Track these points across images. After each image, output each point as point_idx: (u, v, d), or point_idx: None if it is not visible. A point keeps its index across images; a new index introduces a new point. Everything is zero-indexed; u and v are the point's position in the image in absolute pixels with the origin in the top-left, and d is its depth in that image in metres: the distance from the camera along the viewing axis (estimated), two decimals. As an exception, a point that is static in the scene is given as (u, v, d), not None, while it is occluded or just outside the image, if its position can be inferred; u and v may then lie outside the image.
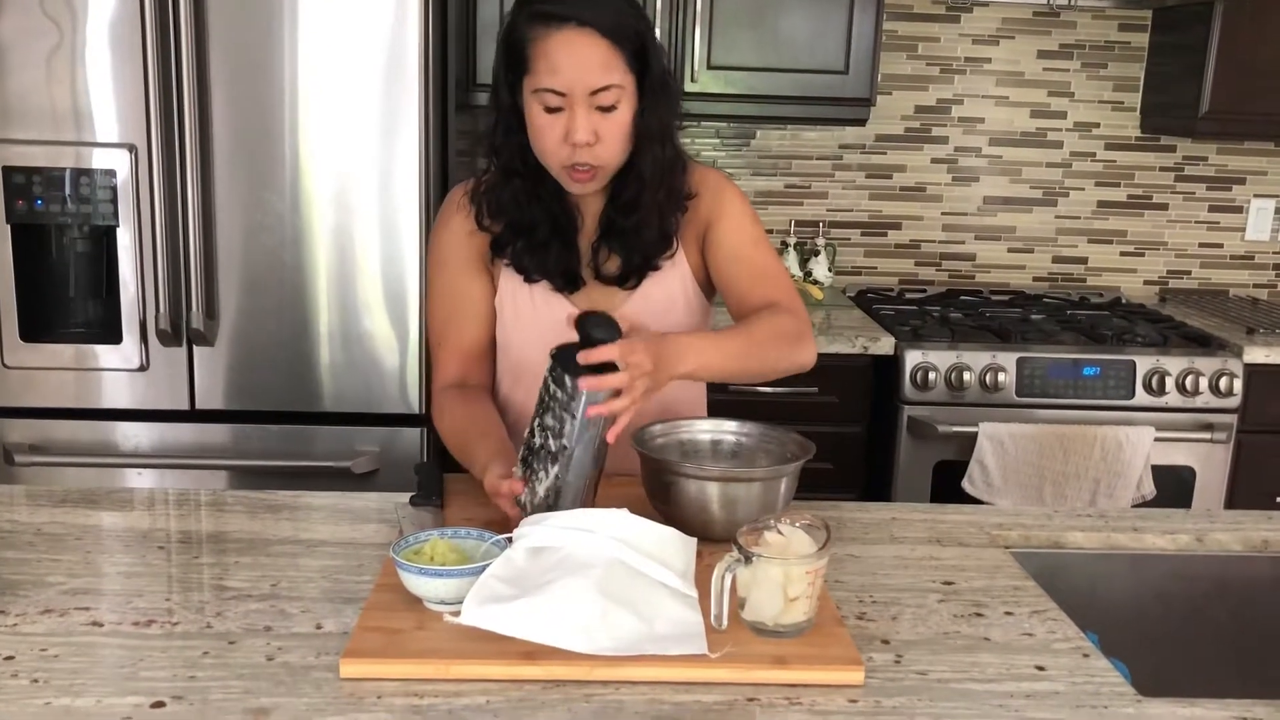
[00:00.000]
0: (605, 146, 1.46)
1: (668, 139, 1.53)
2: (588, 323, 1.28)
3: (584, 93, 1.42)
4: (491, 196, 1.57)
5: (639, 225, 1.55)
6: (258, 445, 2.44)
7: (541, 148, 1.48)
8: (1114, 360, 2.67)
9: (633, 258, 1.58)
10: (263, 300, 2.39)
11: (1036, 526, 1.55)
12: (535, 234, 1.56)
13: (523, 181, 1.54)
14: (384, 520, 1.48)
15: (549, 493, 1.31)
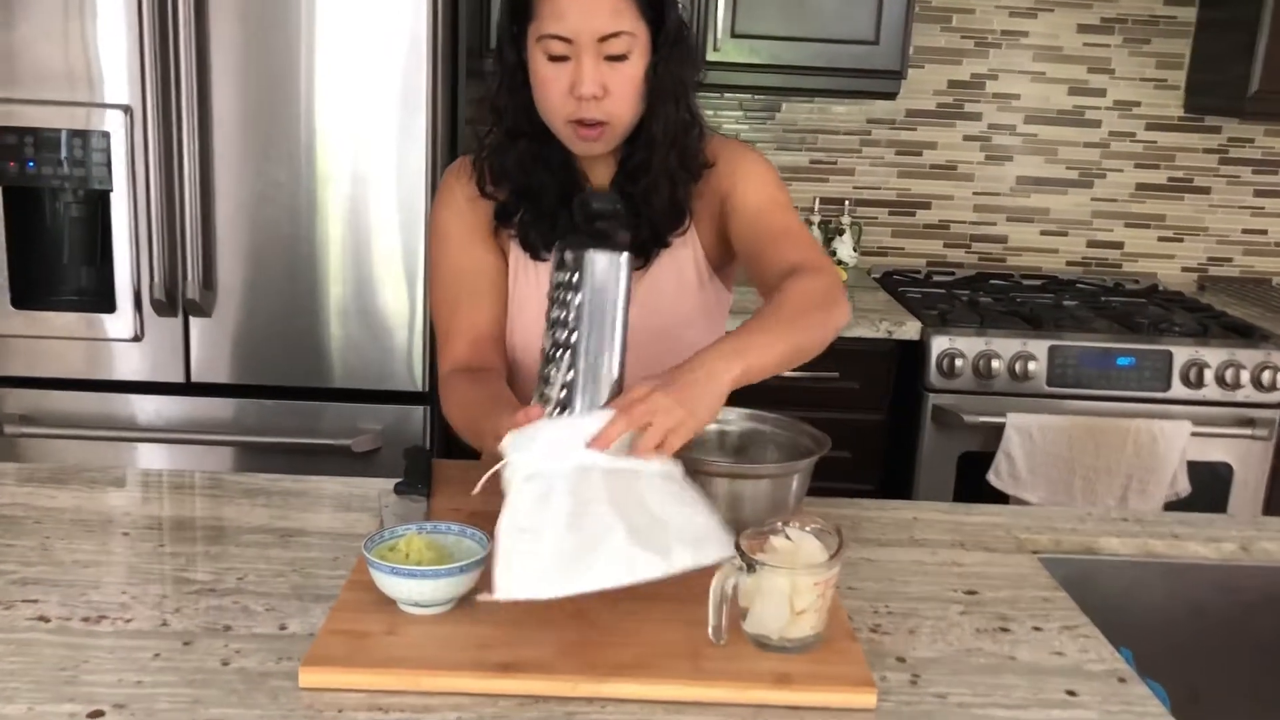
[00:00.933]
0: (614, 100, 1.34)
1: (682, 99, 1.41)
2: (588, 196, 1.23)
3: (591, 39, 1.32)
4: (495, 159, 1.46)
5: (647, 192, 1.43)
6: (255, 421, 2.35)
7: (545, 101, 1.37)
8: (1150, 350, 2.54)
9: (640, 230, 1.46)
10: (262, 271, 2.30)
11: (1068, 531, 1.44)
12: (541, 200, 1.45)
13: (529, 143, 1.43)
14: (367, 508, 1.38)
15: (563, 390, 1.15)
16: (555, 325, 1.17)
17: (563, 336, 1.16)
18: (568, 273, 1.17)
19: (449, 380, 1.45)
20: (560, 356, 1.16)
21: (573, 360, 1.15)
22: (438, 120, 2.28)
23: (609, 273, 1.16)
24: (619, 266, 1.16)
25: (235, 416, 2.35)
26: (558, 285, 1.18)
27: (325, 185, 2.27)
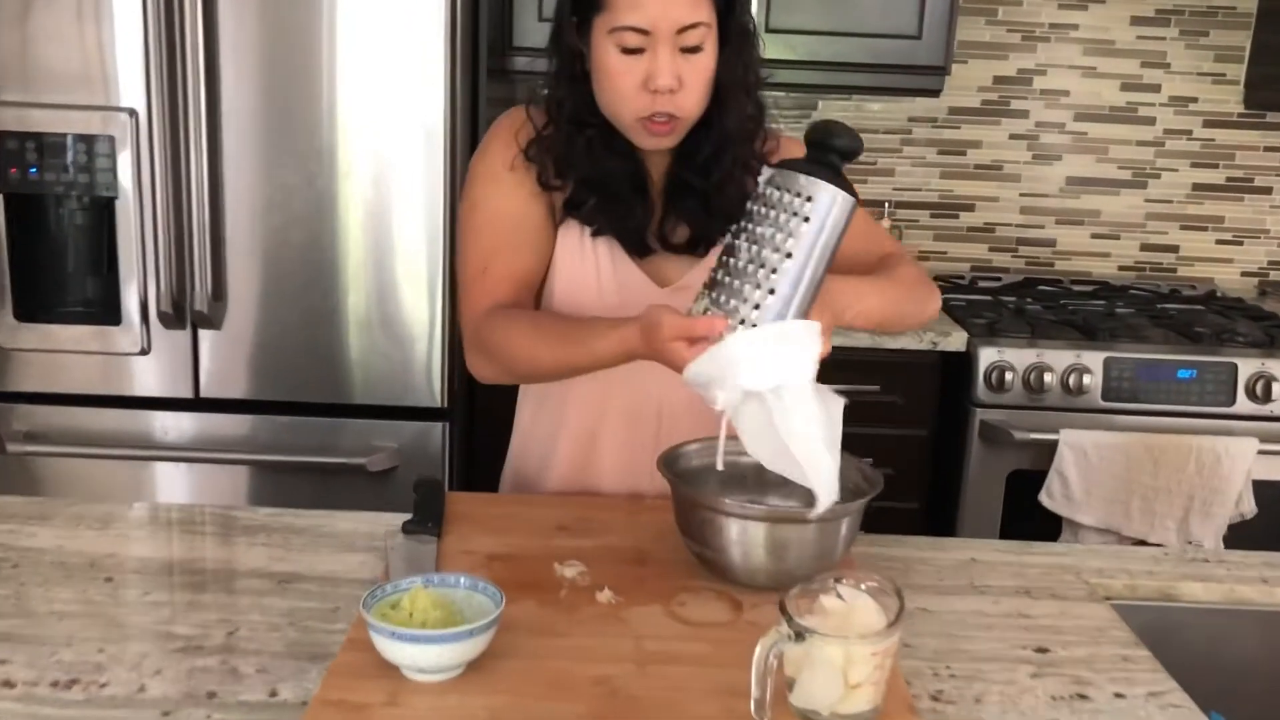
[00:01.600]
0: (688, 94, 1.29)
1: (752, 90, 1.38)
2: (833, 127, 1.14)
3: (670, 30, 1.26)
4: (559, 152, 1.37)
5: (721, 185, 1.37)
6: (267, 438, 2.25)
7: (615, 95, 1.30)
8: (1213, 363, 2.39)
9: (707, 223, 1.39)
10: (273, 282, 2.19)
11: (1143, 574, 1.30)
12: (614, 189, 1.37)
13: (597, 132, 1.35)
14: (373, 548, 1.26)
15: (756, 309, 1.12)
16: (759, 240, 1.14)
17: (771, 257, 1.13)
18: (793, 196, 1.13)
19: (497, 314, 1.34)
20: (755, 273, 1.13)
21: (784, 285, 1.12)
22: (456, 122, 2.16)
23: (841, 211, 1.12)
24: (848, 209, 1.13)
25: (246, 434, 2.24)
26: (774, 204, 1.14)
27: (340, 190, 2.16)
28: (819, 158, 1.13)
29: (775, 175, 1.15)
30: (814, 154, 1.14)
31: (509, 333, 1.31)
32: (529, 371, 1.33)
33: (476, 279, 1.38)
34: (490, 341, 1.32)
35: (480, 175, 1.41)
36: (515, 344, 1.30)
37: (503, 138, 1.40)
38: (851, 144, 1.13)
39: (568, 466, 1.45)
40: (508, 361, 1.31)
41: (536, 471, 1.48)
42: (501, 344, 1.31)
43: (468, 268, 1.39)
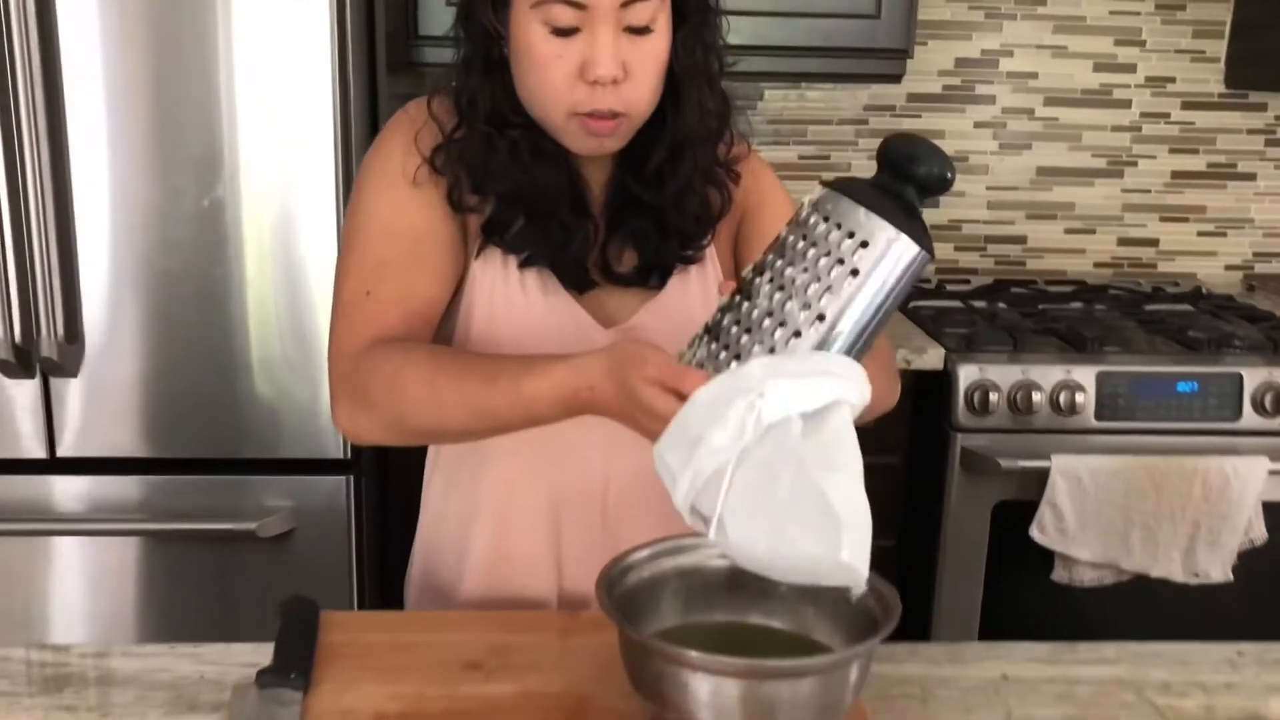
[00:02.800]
0: (636, 85, 1.03)
1: (715, 80, 1.10)
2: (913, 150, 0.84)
3: (611, 5, 0.99)
4: (474, 160, 1.06)
5: (678, 200, 1.10)
6: (138, 503, 1.91)
7: (544, 88, 1.02)
8: (1215, 374, 2.14)
9: (661, 248, 1.11)
10: (138, 319, 1.85)
11: (1221, 688, 1.02)
12: (548, 206, 1.07)
13: (522, 135, 1.06)
14: (220, 703, 0.95)
15: None
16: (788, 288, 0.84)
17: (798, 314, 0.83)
18: (844, 235, 0.83)
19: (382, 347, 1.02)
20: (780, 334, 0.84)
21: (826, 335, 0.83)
22: (349, 127, 1.83)
23: (906, 267, 0.83)
24: (915, 265, 0.84)
25: (116, 499, 1.90)
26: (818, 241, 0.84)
27: (222, 209, 1.82)
28: (890, 186, 0.84)
29: (826, 199, 0.84)
30: (885, 180, 0.84)
31: (402, 369, 0.99)
32: (426, 423, 1.00)
33: (356, 303, 1.06)
34: (372, 382, 1.00)
35: (372, 176, 1.10)
36: (409, 384, 0.98)
37: (401, 138, 1.10)
38: (939, 173, 0.84)
39: (485, 563, 1.15)
40: (396, 408, 0.99)
41: (448, 568, 1.17)
42: (389, 384, 0.99)
43: (345, 290, 1.07)
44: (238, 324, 1.87)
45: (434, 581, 1.18)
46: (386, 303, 1.05)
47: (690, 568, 0.97)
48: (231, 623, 1.92)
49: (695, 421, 0.81)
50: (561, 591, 1.14)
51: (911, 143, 0.84)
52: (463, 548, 1.16)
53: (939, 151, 0.83)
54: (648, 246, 1.11)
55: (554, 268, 1.10)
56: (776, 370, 0.80)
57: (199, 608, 1.94)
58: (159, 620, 1.95)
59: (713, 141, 1.11)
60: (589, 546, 1.13)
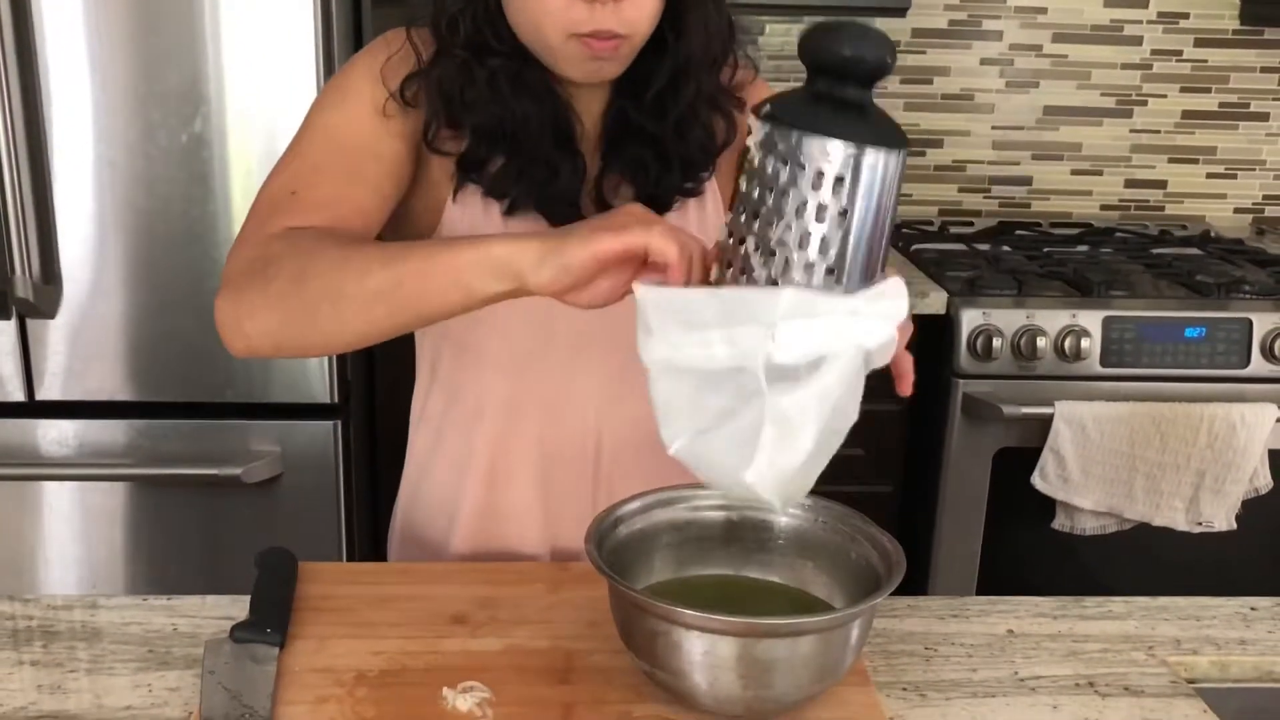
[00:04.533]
0: (636, 3, 0.95)
1: (720, 1, 1.03)
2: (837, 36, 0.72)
3: None
4: (452, 89, 0.99)
5: (680, 128, 1.03)
6: (121, 448, 1.86)
7: (540, 6, 0.94)
8: (1224, 319, 2.08)
9: (661, 178, 1.04)
10: (114, 258, 1.80)
11: (1234, 644, 0.99)
12: (529, 141, 1.00)
13: (504, 62, 0.99)
14: (194, 660, 0.91)
15: None
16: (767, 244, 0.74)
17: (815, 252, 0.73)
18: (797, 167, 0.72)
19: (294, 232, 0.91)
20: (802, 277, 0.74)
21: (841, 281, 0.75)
22: (334, 57, 1.77)
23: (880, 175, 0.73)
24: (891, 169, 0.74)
25: (92, 443, 1.86)
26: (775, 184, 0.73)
27: (194, 144, 1.75)
28: (827, 90, 0.72)
29: (771, 137, 0.74)
30: (820, 86, 0.73)
31: (312, 248, 0.87)
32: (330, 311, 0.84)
33: (278, 201, 0.95)
34: (274, 262, 0.87)
35: (329, 90, 1.03)
36: (318, 261, 0.85)
37: (369, 59, 1.02)
38: (874, 55, 0.72)
39: (475, 518, 1.10)
40: (296, 290, 0.85)
41: (435, 523, 1.12)
42: (292, 262, 0.86)
43: (269, 187, 0.97)
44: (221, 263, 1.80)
45: (419, 536, 1.14)
46: (313, 204, 0.94)
47: (684, 520, 0.93)
48: (219, 569, 1.89)
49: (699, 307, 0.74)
50: (554, 548, 1.10)
51: (832, 35, 0.71)
52: (452, 503, 1.11)
53: (863, 29, 0.72)
54: (646, 178, 1.04)
55: (541, 209, 1.03)
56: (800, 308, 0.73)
57: (186, 554, 1.90)
58: (146, 566, 1.91)
59: (717, 65, 1.05)
60: (582, 501, 1.08)
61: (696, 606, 0.78)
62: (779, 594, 0.91)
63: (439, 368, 1.10)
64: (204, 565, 1.90)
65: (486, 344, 1.06)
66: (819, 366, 0.72)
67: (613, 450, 1.08)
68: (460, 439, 1.10)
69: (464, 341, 1.07)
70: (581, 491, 1.09)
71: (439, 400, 1.11)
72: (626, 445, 1.08)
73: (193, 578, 1.89)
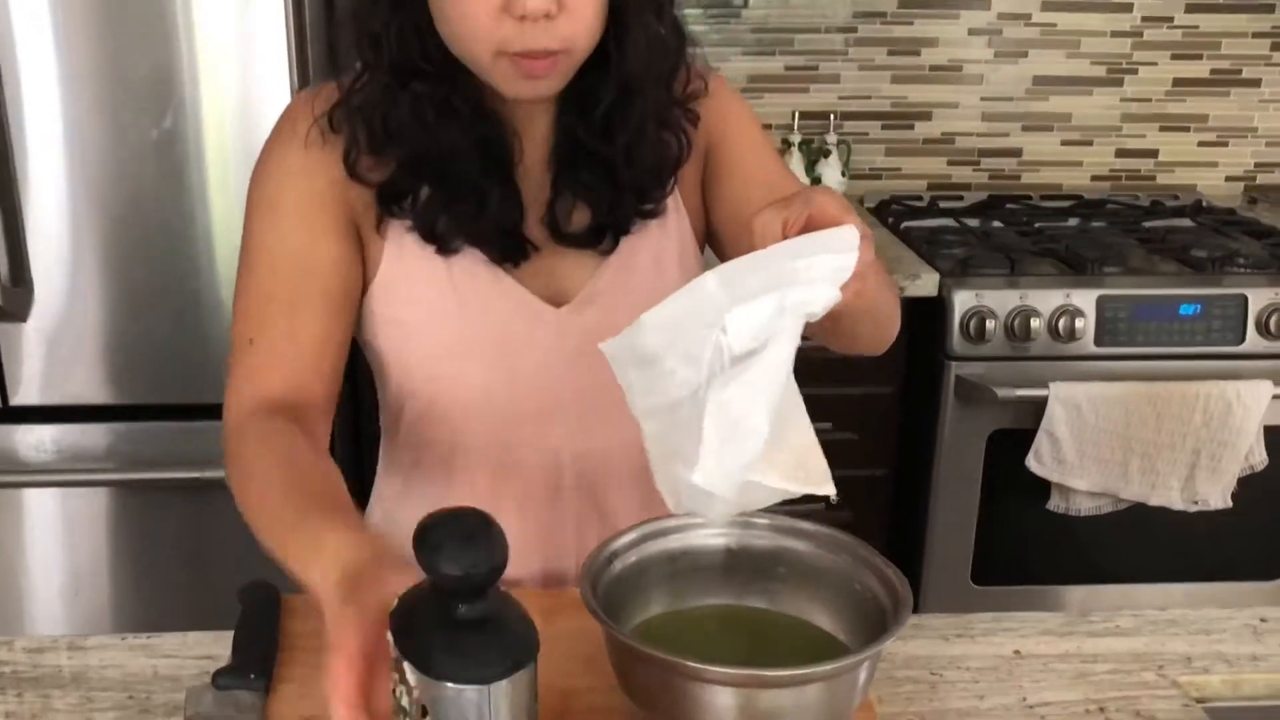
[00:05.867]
0: (573, 17, 0.89)
1: (664, 9, 0.96)
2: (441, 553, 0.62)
3: None
4: (373, 115, 0.94)
5: (630, 150, 0.97)
6: (98, 451, 1.82)
7: (464, 22, 0.88)
8: (1219, 296, 2.06)
9: (616, 202, 0.99)
10: (87, 259, 1.75)
11: (1246, 660, 0.96)
12: (456, 171, 0.95)
13: (430, 86, 0.92)
14: (175, 712, 0.87)
15: None
16: None
17: None
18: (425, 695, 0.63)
19: (245, 432, 0.91)
20: None
21: None
22: (306, 45, 1.71)
23: None
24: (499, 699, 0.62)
25: (71, 448, 1.82)
26: None
27: (168, 140, 1.70)
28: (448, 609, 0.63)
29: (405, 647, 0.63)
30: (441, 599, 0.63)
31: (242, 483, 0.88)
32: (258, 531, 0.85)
33: (241, 354, 0.96)
34: (230, 469, 0.91)
35: (253, 200, 0.99)
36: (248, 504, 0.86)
37: (281, 144, 0.99)
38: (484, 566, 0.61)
39: None
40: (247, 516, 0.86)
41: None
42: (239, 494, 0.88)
43: (234, 333, 0.97)
44: (199, 261, 1.77)
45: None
46: (269, 354, 0.95)
47: (679, 550, 0.89)
48: (204, 573, 1.86)
49: (651, 343, 0.72)
50: (544, 570, 1.07)
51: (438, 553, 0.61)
52: None
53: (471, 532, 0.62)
54: (600, 203, 1.00)
55: (476, 243, 0.98)
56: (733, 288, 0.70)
57: (170, 558, 1.87)
58: (130, 570, 1.88)
59: (665, 80, 0.99)
60: (570, 531, 1.05)
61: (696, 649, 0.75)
62: (782, 626, 0.88)
63: (403, 417, 1.06)
64: (189, 569, 1.87)
65: (451, 397, 1.02)
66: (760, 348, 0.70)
67: (597, 482, 1.05)
68: (433, 487, 1.06)
69: (429, 396, 1.03)
70: (569, 521, 1.05)
71: (406, 450, 1.07)
72: (611, 475, 1.05)
73: (178, 583, 1.86)
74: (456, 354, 1.00)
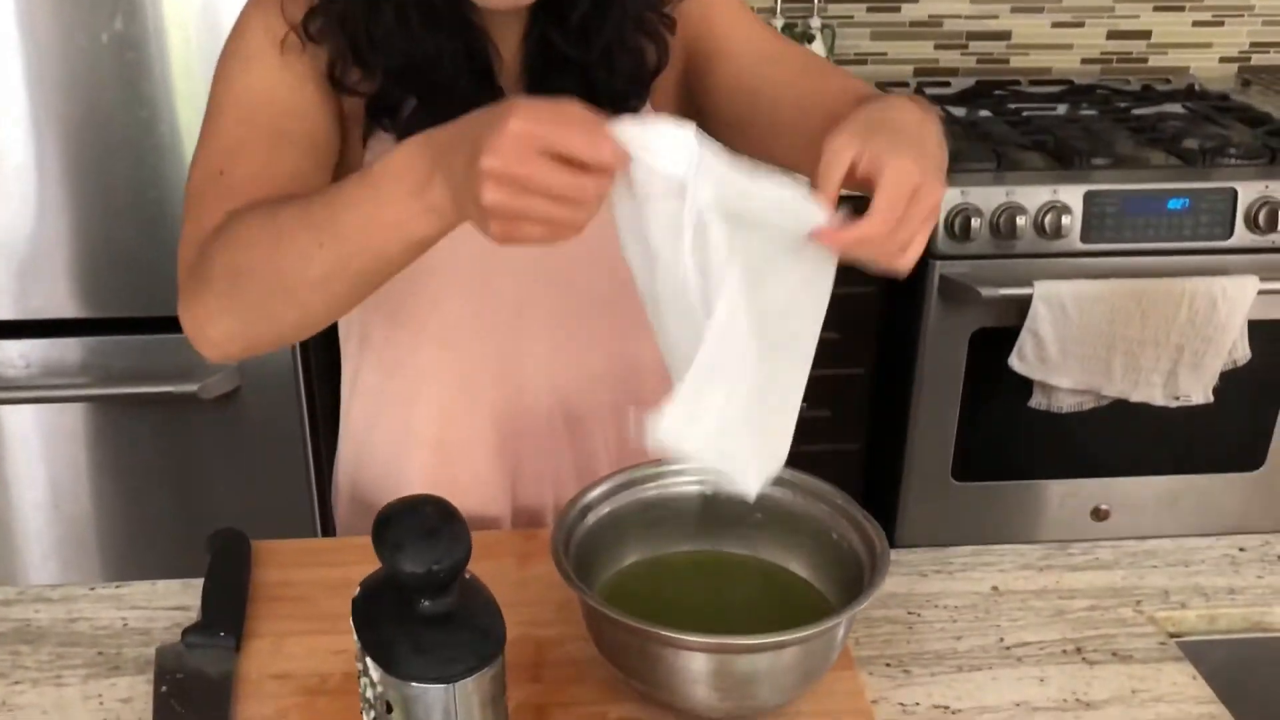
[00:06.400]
0: None
1: None
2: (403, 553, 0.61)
3: None
4: (357, 26, 0.89)
5: (608, 57, 0.93)
6: (71, 366, 1.79)
7: None
8: (1209, 190, 2.02)
9: None
10: (48, 170, 1.69)
11: (1221, 592, 0.96)
12: (443, 81, 0.91)
13: None
14: (145, 668, 0.86)
15: None
16: None
17: None
18: None
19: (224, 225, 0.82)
20: None
21: None
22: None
23: None
24: None
25: (41, 363, 1.78)
26: None
27: (118, 47, 1.63)
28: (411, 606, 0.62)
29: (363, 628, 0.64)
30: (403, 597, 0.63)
31: (240, 236, 0.79)
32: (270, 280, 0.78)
33: (207, 187, 0.87)
34: (213, 251, 0.81)
35: (225, 59, 0.93)
36: (251, 252, 0.78)
37: (259, 12, 0.92)
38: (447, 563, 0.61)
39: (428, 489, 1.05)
40: (239, 289, 0.79)
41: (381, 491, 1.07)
42: (233, 260, 0.79)
43: (195, 175, 0.89)
44: (166, 170, 1.70)
45: (367, 501, 1.08)
46: (243, 182, 0.85)
47: (654, 499, 0.88)
48: (184, 487, 1.85)
49: None
50: (516, 508, 1.05)
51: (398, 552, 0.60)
52: (396, 478, 1.05)
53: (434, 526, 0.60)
54: None
55: None
56: None
57: (149, 473, 1.85)
58: (109, 486, 1.86)
59: None
60: (545, 461, 1.03)
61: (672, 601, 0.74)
62: (759, 573, 0.87)
63: (370, 340, 1.03)
64: (168, 484, 1.86)
65: (422, 317, 0.99)
66: None
67: (575, 410, 1.03)
68: (401, 415, 1.03)
69: (396, 315, 0.99)
70: (545, 451, 1.03)
71: (373, 375, 1.04)
72: (588, 402, 1.02)
73: (157, 496, 1.85)
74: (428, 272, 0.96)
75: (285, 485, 1.85)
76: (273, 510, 1.83)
